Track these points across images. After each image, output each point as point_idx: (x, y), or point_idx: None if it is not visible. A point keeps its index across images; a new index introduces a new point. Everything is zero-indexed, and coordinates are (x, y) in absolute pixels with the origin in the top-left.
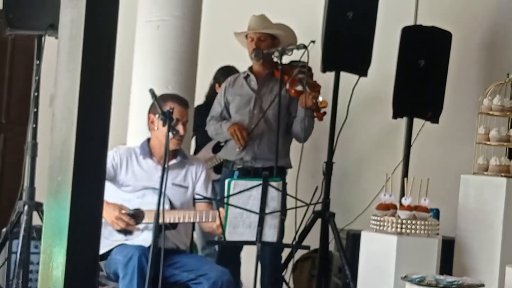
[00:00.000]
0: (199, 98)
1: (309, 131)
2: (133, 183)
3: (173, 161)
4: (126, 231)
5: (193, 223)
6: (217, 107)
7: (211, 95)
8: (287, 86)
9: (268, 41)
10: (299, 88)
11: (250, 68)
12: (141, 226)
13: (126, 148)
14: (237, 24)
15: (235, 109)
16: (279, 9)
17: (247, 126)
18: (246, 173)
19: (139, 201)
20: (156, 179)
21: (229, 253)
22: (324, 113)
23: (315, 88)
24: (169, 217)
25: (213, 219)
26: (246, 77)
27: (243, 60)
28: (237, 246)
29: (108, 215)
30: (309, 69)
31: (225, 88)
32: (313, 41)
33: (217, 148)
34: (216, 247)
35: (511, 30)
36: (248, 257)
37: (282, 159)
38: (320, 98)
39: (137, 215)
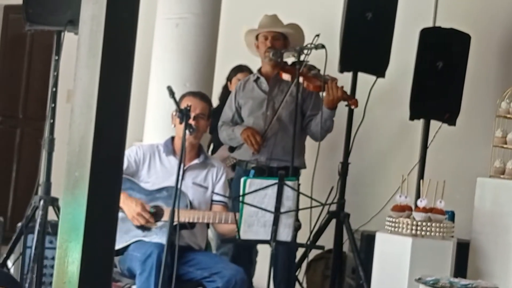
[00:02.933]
0: (216, 96)
1: (329, 131)
2: (154, 180)
3: (195, 161)
4: (144, 228)
5: (208, 224)
6: (228, 112)
7: (224, 94)
8: (305, 84)
9: (281, 41)
10: (318, 83)
11: (259, 70)
12: (160, 223)
13: (150, 145)
14: (255, 23)
15: (248, 113)
16: (297, 9)
17: (261, 129)
18: (261, 172)
19: (160, 199)
20: None
21: (242, 253)
22: (356, 100)
23: (333, 80)
24: (188, 217)
25: (231, 222)
26: (256, 80)
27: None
28: (250, 246)
29: (129, 209)
30: (314, 67)
31: (236, 92)
32: (318, 35)
33: (233, 147)
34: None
35: None
36: (261, 257)
37: (296, 159)
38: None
39: (157, 213)
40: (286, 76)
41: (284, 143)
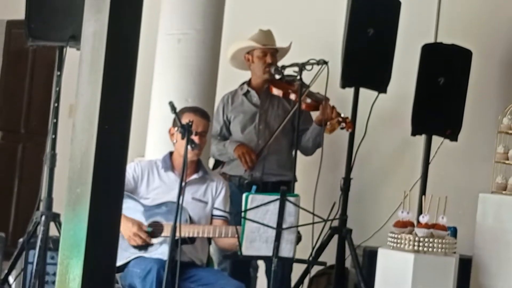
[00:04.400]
0: None
1: (319, 147)
2: (153, 196)
3: (194, 176)
4: (140, 247)
5: (209, 239)
6: (215, 126)
7: None
8: (296, 100)
9: (276, 56)
10: (309, 101)
11: (249, 84)
12: (160, 239)
13: (148, 161)
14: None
15: (240, 128)
16: (299, 25)
17: (254, 143)
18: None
19: (159, 214)
20: (176, 193)
21: (240, 268)
22: (351, 122)
23: (326, 99)
24: (188, 231)
25: (232, 235)
26: (246, 93)
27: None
28: (249, 261)
29: (126, 230)
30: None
31: (224, 106)
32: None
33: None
34: None
35: None
36: (262, 272)
37: (289, 173)
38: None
39: (155, 230)
40: (276, 91)
41: (277, 157)
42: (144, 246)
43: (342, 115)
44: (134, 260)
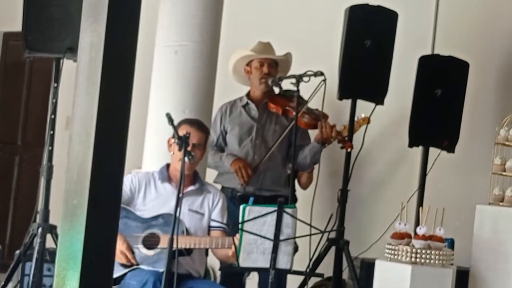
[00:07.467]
0: None
1: (316, 164)
2: (150, 208)
3: (191, 188)
4: (125, 265)
5: (207, 251)
6: (212, 135)
7: None
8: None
9: (275, 68)
10: (307, 119)
11: (248, 96)
12: (156, 251)
13: (145, 172)
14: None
15: (237, 141)
16: (297, 37)
17: (250, 157)
18: (247, 200)
19: (156, 226)
20: (173, 204)
21: (233, 278)
22: (350, 142)
23: (325, 117)
24: (184, 243)
25: (228, 246)
26: (245, 105)
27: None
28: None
29: None
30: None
31: (222, 116)
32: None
33: None
34: None
35: None
36: (252, 282)
37: (284, 189)
38: (362, 115)
39: (152, 241)
40: (274, 108)
41: (272, 173)
42: (128, 265)
43: (343, 134)
44: (130, 272)
